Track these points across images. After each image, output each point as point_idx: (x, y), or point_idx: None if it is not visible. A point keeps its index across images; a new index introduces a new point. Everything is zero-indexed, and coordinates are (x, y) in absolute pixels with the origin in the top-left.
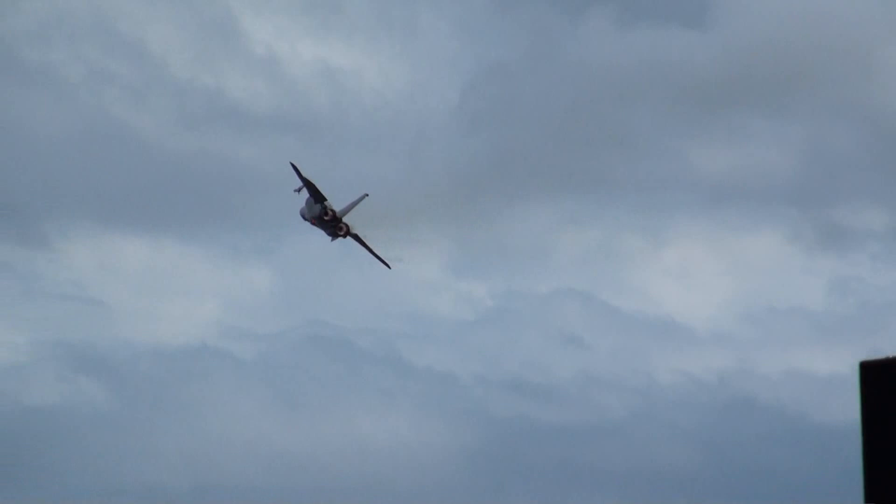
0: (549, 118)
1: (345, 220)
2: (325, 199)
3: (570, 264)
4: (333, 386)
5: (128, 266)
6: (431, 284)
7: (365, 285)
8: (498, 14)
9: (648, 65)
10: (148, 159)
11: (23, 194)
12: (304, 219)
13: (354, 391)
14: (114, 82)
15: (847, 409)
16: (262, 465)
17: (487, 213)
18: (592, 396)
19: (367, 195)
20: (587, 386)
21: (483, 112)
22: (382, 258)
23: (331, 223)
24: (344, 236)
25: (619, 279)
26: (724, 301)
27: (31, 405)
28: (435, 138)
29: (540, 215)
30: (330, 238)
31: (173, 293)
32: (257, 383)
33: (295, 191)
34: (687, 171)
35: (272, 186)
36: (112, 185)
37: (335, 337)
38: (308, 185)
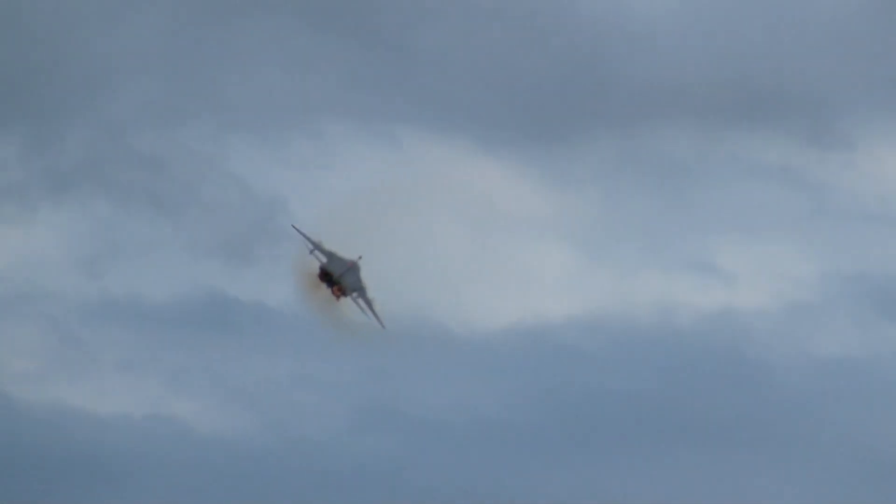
0: None
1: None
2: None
3: None
4: None
5: None
6: None
7: None
8: None
9: None
10: None
11: (815, 80)
12: None
13: None
14: None
15: None
16: None
17: None
18: None
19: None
20: None
21: None
22: (379, 318)
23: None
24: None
25: None
26: None
27: (819, 355)
28: None
29: None
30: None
31: None
32: None
33: (309, 252)
34: None
35: None
36: None
37: None
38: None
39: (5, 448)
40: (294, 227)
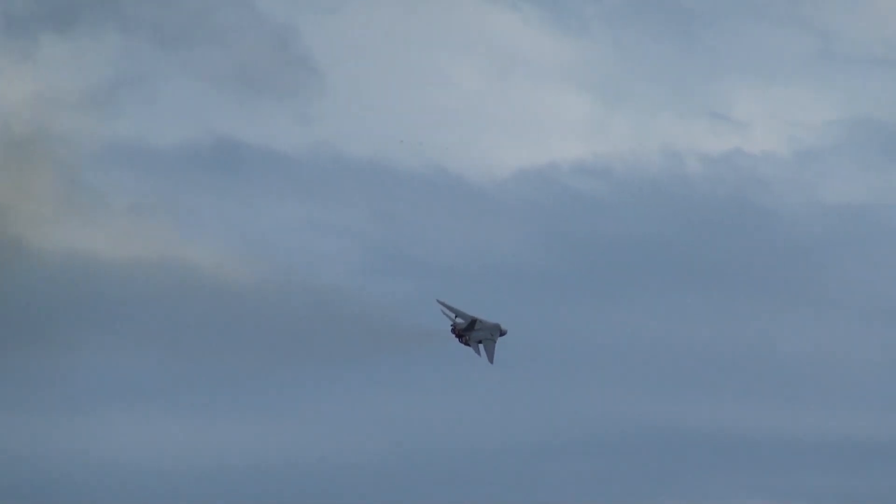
0: None
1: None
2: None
3: None
4: None
5: None
6: None
7: None
8: None
9: None
10: None
11: None
12: None
13: None
14: None
15: None
16: None
17: None
18: None
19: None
20: None
21: None
22: (490, 358)
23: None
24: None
25: None
26: None
27: (827, 202)
28: None
29: None
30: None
31: None
32: None
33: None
34: None
35: None
36: None
37: None
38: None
39: (18, 291)
40: (439, 301)
